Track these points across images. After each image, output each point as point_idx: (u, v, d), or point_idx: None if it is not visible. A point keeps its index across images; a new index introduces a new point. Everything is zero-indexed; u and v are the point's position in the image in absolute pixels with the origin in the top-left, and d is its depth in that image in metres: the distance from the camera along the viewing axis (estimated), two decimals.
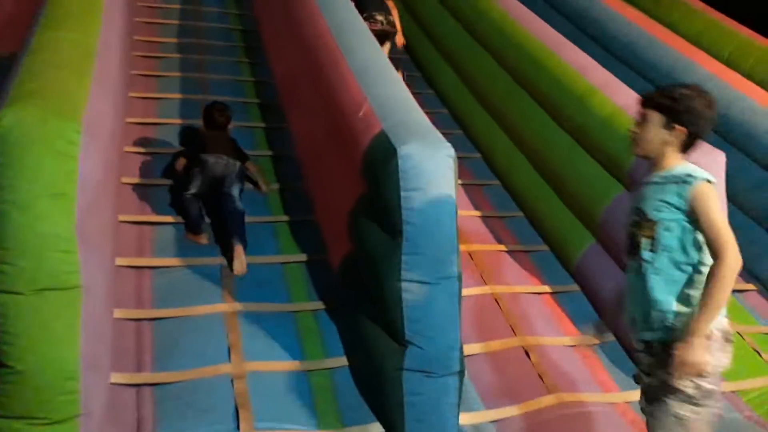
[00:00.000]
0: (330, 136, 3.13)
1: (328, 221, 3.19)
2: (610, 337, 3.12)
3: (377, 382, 2.49)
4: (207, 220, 3.29)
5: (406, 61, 5.66)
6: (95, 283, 2.22)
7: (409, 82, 5.57)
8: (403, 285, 2.42)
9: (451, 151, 2.51)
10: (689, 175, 1.95)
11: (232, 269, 3.01)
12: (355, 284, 2.73)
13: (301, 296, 3.03)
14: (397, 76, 3.07)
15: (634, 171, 3.13)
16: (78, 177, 2.04)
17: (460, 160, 4.34)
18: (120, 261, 2.94)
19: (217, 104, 3.56)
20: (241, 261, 3.02)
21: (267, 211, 3.53)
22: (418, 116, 2.69)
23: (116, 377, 2.42)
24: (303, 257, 3.22)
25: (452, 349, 2.45)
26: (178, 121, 4.03)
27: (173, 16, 5.58)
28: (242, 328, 2.79)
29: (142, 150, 3.76)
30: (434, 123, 5.16)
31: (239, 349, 2.68)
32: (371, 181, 2.59)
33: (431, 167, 2.43)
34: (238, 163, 3.37)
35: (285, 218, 3.47)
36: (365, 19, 5.14)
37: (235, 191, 3.27)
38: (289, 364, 2.67)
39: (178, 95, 4.38)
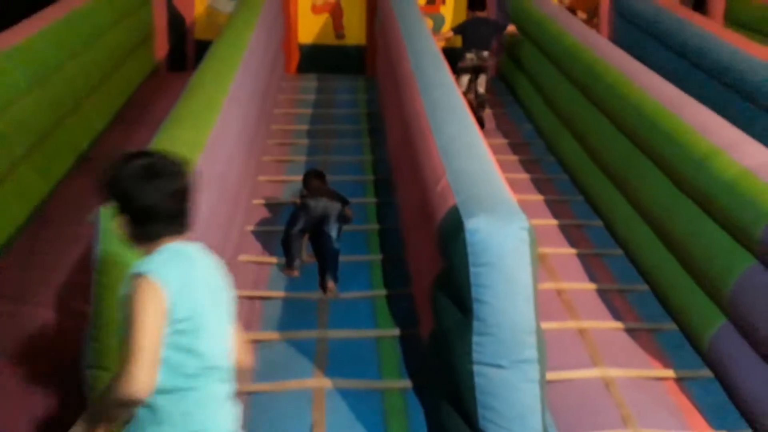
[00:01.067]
0: (419, 210, 3.14)
1: (419, 295, 3.15)
2: None
3: None
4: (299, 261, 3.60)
5: (530, 131, 5.56)
6: None
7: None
8: (476, 368, 2.28)
9: (526, 224, 2.36)
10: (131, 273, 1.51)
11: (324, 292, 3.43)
12: (437, 363, 2.63)
13: (392, 372, 2.98)
14: (485, 150, 3.01)
15: (766, 241, 2.70)
16: None
17: (579, 228, 4.19)
18: None
19: (314, 169, 4.05)
20: (331, 292, 3.42)
21: (367, 285, 3.58)
22: (496, 189, 2.58)
23: None
24: (397, 332, 3.19)
25: None
26: (298, 200, 4.32)
27: (308, 105, 6.10)
28: (328, 404, 2.80)
29: (261, 229, 4.08)
30: (553, 189, 4.97)
31: (322, 427, 2.68)
32: (446, 256, 2.52)
33: (502, 241, 2.30)
34: (338, 204, 3.64)
35: (383, 292, 3.50)
36: (460, 58, 5.50)
37: (333, 231, 3.58)
38: None
39: (299, 177, 4.72)
